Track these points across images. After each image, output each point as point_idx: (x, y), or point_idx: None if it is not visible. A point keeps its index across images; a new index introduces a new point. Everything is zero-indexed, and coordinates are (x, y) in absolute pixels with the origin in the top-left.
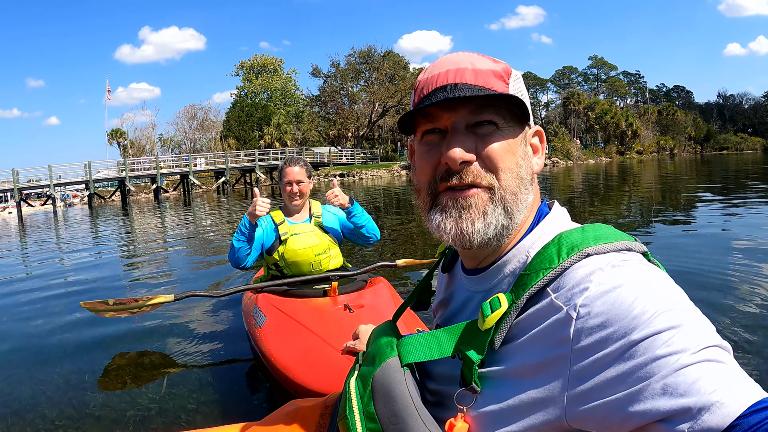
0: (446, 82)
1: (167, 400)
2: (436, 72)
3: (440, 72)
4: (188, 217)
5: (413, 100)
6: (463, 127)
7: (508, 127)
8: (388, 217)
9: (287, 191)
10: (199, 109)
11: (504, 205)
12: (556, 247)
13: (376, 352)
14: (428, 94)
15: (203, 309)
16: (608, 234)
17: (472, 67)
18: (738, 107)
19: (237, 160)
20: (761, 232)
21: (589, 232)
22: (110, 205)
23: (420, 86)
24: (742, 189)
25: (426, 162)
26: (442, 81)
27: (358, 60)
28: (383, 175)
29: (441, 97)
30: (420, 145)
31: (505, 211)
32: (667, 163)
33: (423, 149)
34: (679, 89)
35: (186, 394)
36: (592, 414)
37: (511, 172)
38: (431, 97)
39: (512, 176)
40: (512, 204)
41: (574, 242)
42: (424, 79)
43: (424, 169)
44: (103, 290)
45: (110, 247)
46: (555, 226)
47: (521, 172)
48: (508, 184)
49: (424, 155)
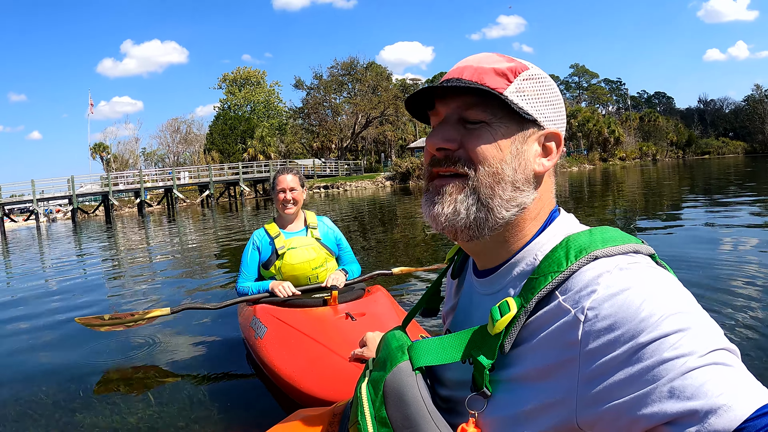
0: (448, 78)
1: (164, 415)
2: (449, 71)
3: (452, 70)
4: (173, 231)
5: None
6: (455, 119)
7: (499, 123)
8: (372, 228)
9: (280, 199)
10: (182, 122)
11: (477, 196)
12: (564, 250)
13: (387, 356)
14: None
15: (200, 321)
16: (616, 237)
17: (477, 65)
18: (719, 112)
19: (221, 173)
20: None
21: (597, 234)
22: (94, 220)
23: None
24: (724, 192)
25: (425, 150)
26: (447, 77)
27: (341, 71)
28: (367, 186)
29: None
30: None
31: (479, 202)
32: (650, 169)
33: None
34: (660, 95)
35: (184, 408)
36: (601, 417)
37: (491, 167)
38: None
39: (490, 171)
40: (488, 197)
41: (582, 245)
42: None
43: (425, 156)
44: (91, 306)
45: (96, 262)
46: (563, 229)
47: (505, 169)
48: (483, 178)
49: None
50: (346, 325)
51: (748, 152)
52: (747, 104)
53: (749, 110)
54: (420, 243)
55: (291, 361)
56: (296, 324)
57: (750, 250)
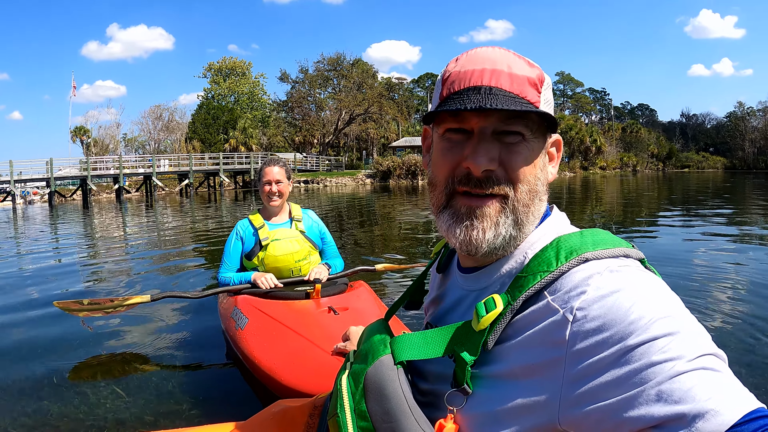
0: (481, 83)
1: (137, 404)
2: (470, 67)
3: (475, 69)
4: (152, 219)
5: (440, 91)
6: (490, 132)
7: (533, 138)
8: (351, 225)
9: (266, 191)
10: (164, 109)
11: (515, 216)
12: (555, 251)
13: (369, 349)
14: (460, 90)
15: (179, 310)
16: (606, 240)
17: (509, 70)
18: (700, 127)
19: (201, 163)
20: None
21: (588, 237)
22: (71, 204)
23: (450, 79)
24: (702, 205)
25: (446, 160)
26: (477, 80)
27: (327, 67)
28: (348, 183)
29: (475, 101)
30: (441, 140)
31: (516, 222)
32: (629, 180)
33: (444, 146)
34: (644, 107)
35: (159, 398)
36: (585, 418)
37: (529, 185)
38: (463, 97)
39: (528, 189)
40: (524, 216)
41: (572, 246)
42: (455, 72)
43: (443, 167)
44: (68, 290)
45: (74, 247)
46: (554, 230)
47: (538, 185)
48: (522, 197)
49: (446, 153)
50: (328, 319)
51: (728, 168)
52: (729, 121)
53: (731, 127)
54: (397, 241)
55: (272, 353)
56: (278, 316)
57: (725, 262)
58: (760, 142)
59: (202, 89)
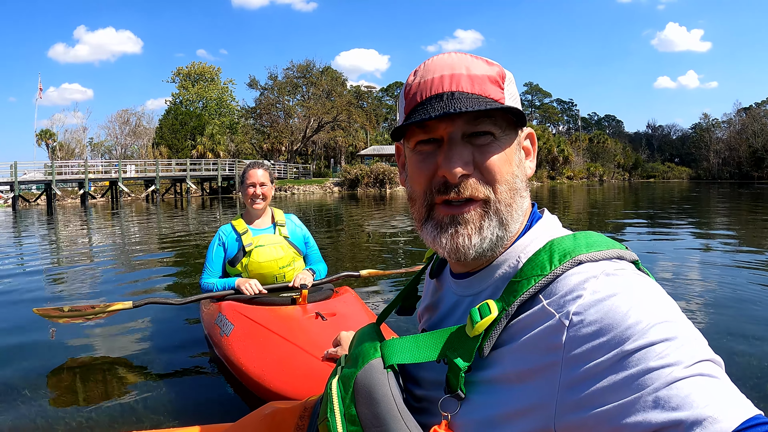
0: (441, 90)
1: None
2: (429, 77)
3: (434, 77)
4: (117, 225)
5: (403, 105)
6: (460, 137)
7: (504, 135)
8: (319, 234)
9: (249, 194)
10: (132, 114)
11: (499, 217)
12: (548, 254)
13: (360, 353)
14: (423, 101)
15: (162, 317)
16: (600, 242)
17: (468, 72)
18: (666, 138)
19: (168, 168)
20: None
21: (581, 239)
22: (35, 209)
23: (412, 92)
24: (668, 214)
25: (421, 172)
26: (437, 88)
27: (297, 74)
28: (315, 191)
29: (439, 108)
30: (413, 154)
31: (500, 222)
32: (596, 189)
33: (417, 159)
34: (610, 118)
35: (145, 403)
36: (582, 424)
37: (508, 184)
38: (427, 107)
39: (508, 188)
40: (507, 215)
41: (566, 249)
42: (416, 84)
43: (419, 180)
44: (42, 297)
45: (38, 252)
46: (546, 232)
47: (517, 182)
48: (503, 197)
49: (419, 165)
50: (316, 324)
51: (693, 178)
52: (694, 132)
53: (696, 138)
54: (366, 248)
55: (260, 359)
56: (265, 322)
57: (692, 269)
58: (725, 153)
59: (170, 94)
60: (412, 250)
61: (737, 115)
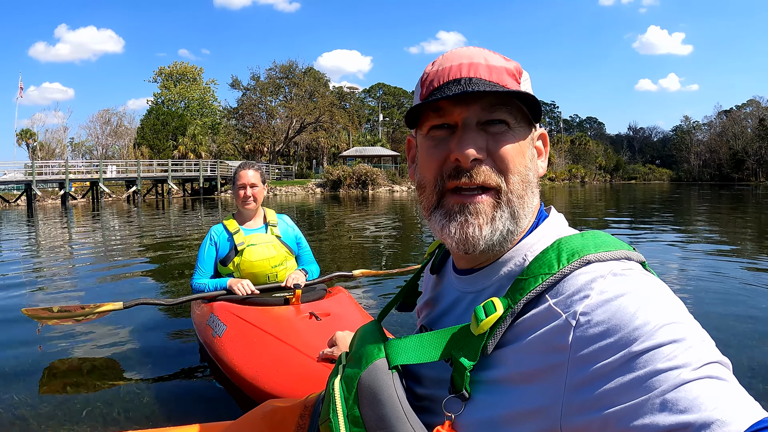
0: (459, 76)
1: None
2: (447, 64)
3: (452, 65)
4: (98, 226)
5: (420, 92)
6: (475, 123)
7: (518, 127)
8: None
9: (240, 195)
10: (113, 114)
11: (511, 208)
12: (556, 253)
13: (363, 353)
14: (439, 86)
15: (153, 317)
16: (608, 242)
17: (486, 62)
18: (647, 140)
19: (149, 169)
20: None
21: (589, 239)
22: (15, 210)
23: (429, 78)
24: (649, 215)
25: (433, 158)
26: (455, 74)
27: (279, 74)
28: (297, 192)
29: (455, 90)
30: (426, 140)
31: (512, 215)
32: (578, 190)
33: (429, 144)
34: (592, 120)
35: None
36: (588, 426)
37: (520, 175)
38: (443, 90)
39: (520, 179)
40: (519, 208)
41: (574, 248)
42: (434, 71)
43: (430, 165)
44: (30, 299)
45: (18, 253)
46: (554, 231)
47: (529, 175)
48: (515, 187)
49: (431, 150)
50: (311, 324)
51: (674, 180)
52: (675, 134)
53: (677, 140)
54: (348, 248)
55: (254, 360)
56: (258, 322)
57: (674, 267)
58: (705, 155)
59: (151, 94)
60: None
61: (718, 118)
